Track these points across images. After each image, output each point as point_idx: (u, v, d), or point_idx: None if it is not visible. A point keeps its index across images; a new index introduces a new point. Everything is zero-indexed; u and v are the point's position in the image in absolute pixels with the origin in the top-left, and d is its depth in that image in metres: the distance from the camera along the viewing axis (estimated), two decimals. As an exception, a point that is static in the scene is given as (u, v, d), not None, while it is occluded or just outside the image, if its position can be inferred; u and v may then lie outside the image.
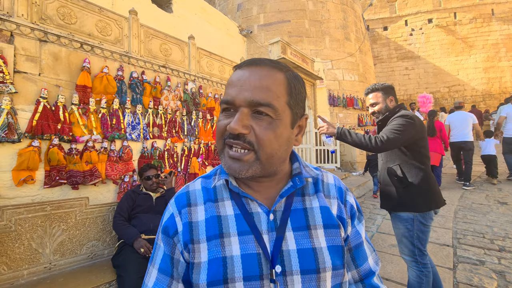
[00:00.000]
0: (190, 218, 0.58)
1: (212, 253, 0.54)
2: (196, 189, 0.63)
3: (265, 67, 0.55)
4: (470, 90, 14.73)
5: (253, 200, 0.59)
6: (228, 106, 0.55)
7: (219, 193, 0.61)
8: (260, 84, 0.53)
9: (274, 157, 0.55)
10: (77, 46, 2.45)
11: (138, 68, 2.96)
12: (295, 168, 0.64)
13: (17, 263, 1.93)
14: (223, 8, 10.12)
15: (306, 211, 0.60)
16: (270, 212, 0.58)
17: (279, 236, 0.56)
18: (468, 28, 14.90)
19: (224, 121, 0.55)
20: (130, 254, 2.01)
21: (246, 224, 0.56)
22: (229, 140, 0.54)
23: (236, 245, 0.54)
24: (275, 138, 0.53)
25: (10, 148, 2.02)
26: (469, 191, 4.99)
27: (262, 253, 0.54)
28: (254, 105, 0.52)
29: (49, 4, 2.31)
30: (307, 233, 0.57)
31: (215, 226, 0.56)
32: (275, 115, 0.53)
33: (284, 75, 0.56)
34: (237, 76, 0.55)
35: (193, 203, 0.60)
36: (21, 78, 2.10)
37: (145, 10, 5.53)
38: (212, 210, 0.59)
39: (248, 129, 0.52)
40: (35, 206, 2.05)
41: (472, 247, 2.83)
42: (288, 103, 0.55)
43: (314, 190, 0.64)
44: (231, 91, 0.54)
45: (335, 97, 8.75)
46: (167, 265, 0.58)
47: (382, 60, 16.16)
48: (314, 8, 9.22)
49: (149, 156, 2.93)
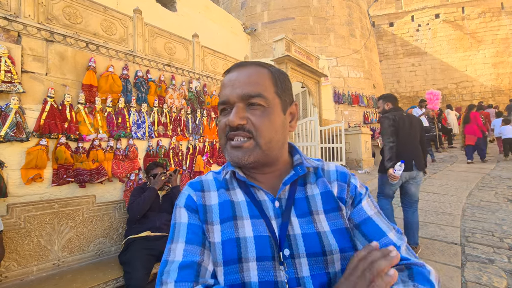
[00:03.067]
0: (204, 201, 0.63)
1: (226, 234, 0.57)
2: (208, 179, 0.68)
3: (250, 67, 0.63)
4: (478, 86, 14.44)
5: (259, 189, 0.63)
6: (225, 106, 0.62)
7: (230, 183, 0.66)
8: (249, 80, 0.60)
9: (272, 141, 0.60)
10: (82, 45, 2.47)
11: (143, 67, 2.97)
12: (296, 159, 0.68)
13: (26, 260, 1.97)
14: (227, 6, 10.09)
15: (308, 199, 0.63)
16: (275, 199, 0.61)
17: (285, 221, 0.59)
18: (477, 22, 14.58)
19: (223, 119, 0.62)
20: (137, 251, 2.03)
21: (256, 209, 0.60)
22: (230, 133, 0.60)
23: (249, 227, 0.58)
24: (270, 123, 0.60)
25: (19, 147, 2.05)
26: (477, 189, 4.91)
27: (271, 236, 0.57)
28: (246, 98, 0.59)
29: (55, 4, 2.34)
30: (310, 218, 0.60)
31: (229, 209, 0.61)
32: (266, 103, 0.60)
33: (268, 70, 0.64)
34: (228, 79, 0.63)
35: (206, 189, 0.65)
36: (28, 78, 2.13)
37: (149, 9, 5.55)
38: (225, 196, 0.63)
39: (245, 120, 0.59)
40: (43, 203, 2.09)
41: (481, 245, 2.79)
42: (276, 92, 0.63)
43: (315, 178, 0.67)
44: (225, 92, 0.62)
45: (340, 95, 8.67)
46: (197, 235, 0.58)
47: (388, 56, 15.94)
48: (319, 5, 9.13)
49: (154, 154, 2.95)
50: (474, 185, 5.07)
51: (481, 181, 5.30)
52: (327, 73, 7.95)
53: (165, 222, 2.36)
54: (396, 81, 15.79)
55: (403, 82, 15.68)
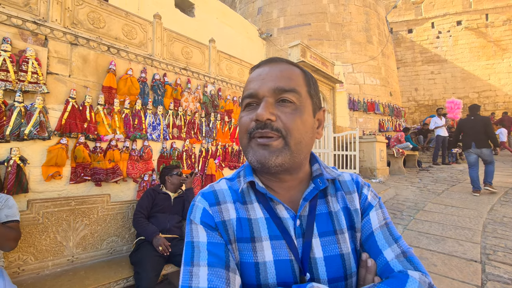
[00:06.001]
0: (222, 217, 0.56)
1: (244, 256, 0.53)
2: (222, 189, 0.61)
3: (282, 63, 0.59)
4: (502, 96, 13.80)
5: (279, 204, 0.57)
6: (251, 101, 0.56)
7: (247, 196, 0.60)
8: (281, 74, 0.56)
9: (302, 143, 0.54)
10: (104, 49, 2.56)
11: (160, 70, 3.05)
12: (315, 169, 0.63)
13: (43, 254, 2.04)
14: (244, 11, 10.22)
15: (331, 215, 0.59)
16: (297, 217, 0.56)
17: (307, 242, 0.54)
18: (501, 30, 14.01)
19: (247, 116, 0.56)
20: (148, 252, 2.06)
21: (276, 228, 0.55)
22: (256, 131, 0.53)
23: (268, 251, 0.53)
24: (302, 123, 0.54)
25: (41, 145, 2.14)
26: (499, 203, 4.66)
27: (294, 259, 0.53)
28: (279, 92, 0.54)
29: (80, 10, 2.44)
30: (334, 238, 0.56)
31: (247, 229, 0.55)
32: (298, 101, 0.55)
33: (300, 70, 0.60)
34: (257, 73, 0.58)
35: (222, 201, 0.58)
36: (52, 79, 2.23)
37: (168, 14, 5.71)
38: (243, 212, 0.57)
39: (274, 116, 0.53)
40: (61, 200, 2.16)
41: (503, 264, 2.63)
42: (309, 92, 0.58)
43: (334, 190, 0.63)
44: (253, 85, 0.56)
45: (355, 101, 8.53)
46: (220, 257, 0.51)
47: (406, 63, 15.57)
48: (336, 11, 9.09)
49: (168, 156, 2.99)
50: (496, 200, 4.81)
51: (504, 196, 5.03)
52: (342, 80, 7.86)
53: (176, 224, 2.38)
54: (414, 89, 15.38)
55: (421, 90, 15.24)
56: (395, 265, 0.52)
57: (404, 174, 7.10)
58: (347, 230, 0.58)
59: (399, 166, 7.23)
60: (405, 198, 5.10)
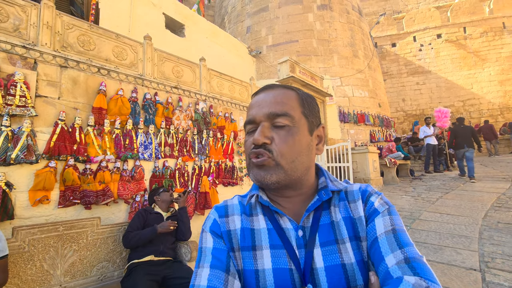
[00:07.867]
0: (228, 227, 0.63)
1: (246, 264, 0.58)
2: (234, 204, 0.68)
3: (278, 89, 0.64)
4: (486, 104, 14.31)
5: (283, 216, 0.61)
6: (252, 126, 0.62)
7: (253, 209, 0.65)
8: (275, 100, 0.61)
9: (295, 162, 0.58)
10: (94, 70, 2.57)
11: (151, 89, 3.06)
12: (321, 182, 0.65)
13: (28, 285, 1.93)
14: (233, 30, 10.52)
15: (333, 225, 0.60)
16: (299, 228, 0.59)
17: (309, 253, 0.56)
18: (480, 41, 14.75)
19: (249, 139, 0.62)
20: (140, 276, 1.97)
21: (278, 238, 0.58)
22: (252, 150, 0.59)
23: (267, 258, 0.57)
24: (294, 143, 0.58)
25: (28, 169, 2.08)
26: (493, 209, 4.70)
27: (295, 269, 0.55)
28: (272, 117, 0.59)
29: (70, 33, 2.47)
30: (335, 248, 0.57)
31: (249, 238, 0.60)
32: (292, 123, 0.59)
33: (295, 92, 0.64)
34: (255, 100, 0.64)
35: (230, 214, 0.65)
36: (41, 102, 2.21)
37: (159, 35, 5.82)
38: (247, 223, 0.63)
39: (269, 139, 0.58)
40: (49, 226, 2.07)
41: (502, 271, 2.61)
42: (303, 113, 0.62)
43: (338, 200, 0.64)
44: (252, 112, 0.62)
45: (346, 114, 8.69)
46: (221, 261, 0.58)
47: (392, 76, 16.10)
48: (322, 28, 9.44)
49: (160, 175, 2.95)
50: (490, 206, 4.86)
51: (497, 201, 5.09)
52: (331, 93, 8.04)
53: (170, 246, 2.30)
54: (401, 100, 15.82)
55: (408, 100, 15.68)
56: (394, 271, 0.48)
57: (398, 184, 7.14)
58: (350, 240, 0.57)
59: (392, 176, 7.28)
60: (401, 207, 5.10)
